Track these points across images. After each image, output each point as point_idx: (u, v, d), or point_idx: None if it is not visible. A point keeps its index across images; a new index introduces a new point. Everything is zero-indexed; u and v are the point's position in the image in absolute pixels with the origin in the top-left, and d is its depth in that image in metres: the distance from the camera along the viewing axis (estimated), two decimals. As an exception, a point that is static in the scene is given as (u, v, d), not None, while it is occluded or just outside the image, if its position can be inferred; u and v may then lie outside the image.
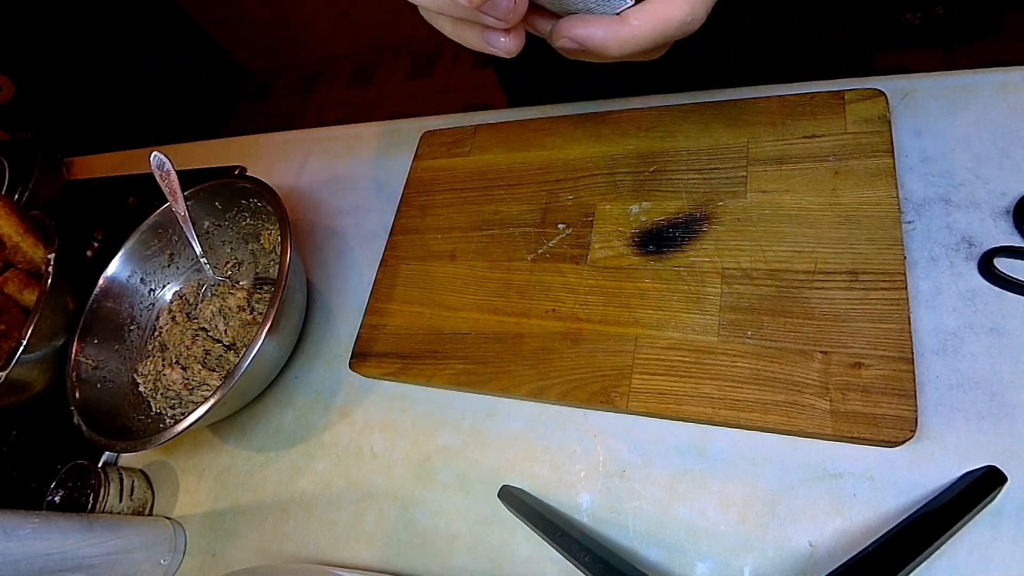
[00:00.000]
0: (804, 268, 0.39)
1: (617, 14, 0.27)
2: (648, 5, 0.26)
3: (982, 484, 0.32)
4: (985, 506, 0.32)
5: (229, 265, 0.62)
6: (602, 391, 0.41)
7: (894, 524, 0.33)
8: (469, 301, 0.48)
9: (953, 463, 0.34)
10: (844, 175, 0.41)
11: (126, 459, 0.58)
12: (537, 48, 0.32)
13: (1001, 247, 0.37)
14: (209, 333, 0.57)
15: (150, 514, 0.54)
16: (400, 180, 0.58)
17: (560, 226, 0.48)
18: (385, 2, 2.00)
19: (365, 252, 0.59)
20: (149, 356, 0.58)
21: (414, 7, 0.28)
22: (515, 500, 0.41)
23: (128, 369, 0.58)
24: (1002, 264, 0.37)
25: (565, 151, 0.52)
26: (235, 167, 0.73)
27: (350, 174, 0.65)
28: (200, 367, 0.54)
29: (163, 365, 0.55)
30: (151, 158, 0.57)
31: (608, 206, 0.47)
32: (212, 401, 0.45)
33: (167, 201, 0.58)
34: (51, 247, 0.60)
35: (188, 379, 0.54)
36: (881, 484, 0.35)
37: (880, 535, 0.32)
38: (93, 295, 0.58)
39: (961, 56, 1.35)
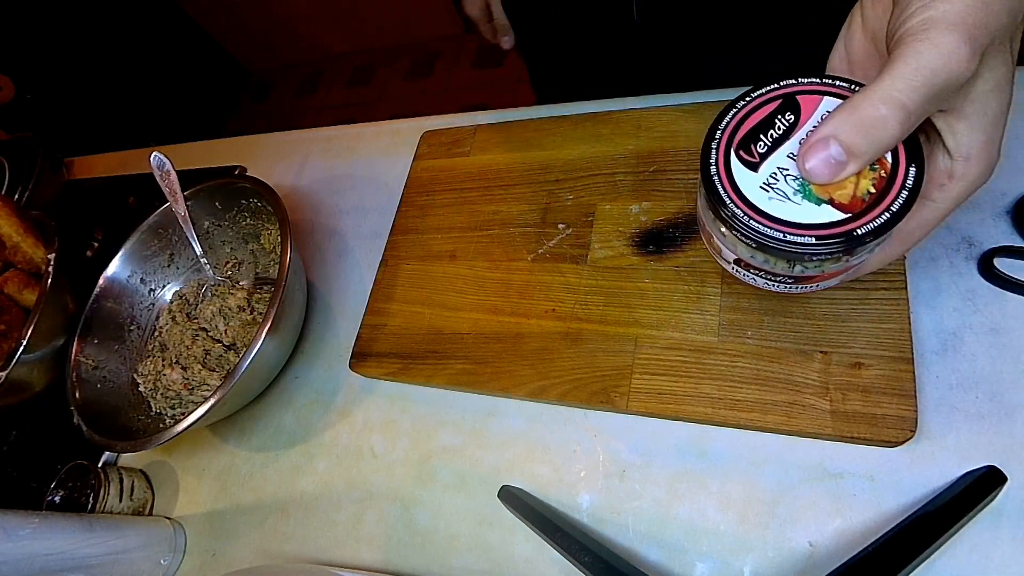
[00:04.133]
0: (804, 268, 0.39)
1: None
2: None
3: (982, 484, 0.32)
4: (985, 506, 0.32)
5: (229, 265, 0.62)
6: (602, 391, 0.41)
7: (894, 524, 0.33)
8: (469, 301, 0.48)
9: (953, 463, 0.34)
10: (844, 175, 0.41)
11: (126, 459, 0.58)
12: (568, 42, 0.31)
13: (1001, 247, 0.37)
14: (209, 333, 0.57)
15: (150, 514, 0.54)
16: (400, 180, 0.58)
17: (560, 226, 0.48)
18: (385, 2, 2.00)
19: (365, 252, 0.59)
20: (149, 356, 0.58)
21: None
22: (515, 500, 0.41)
23: (128, 369, 0.58)
24: (1002, 264, 0.37)
25: (565, 151, 0.52)
26: (235, 167, 0.73)
27: (350, 174, 0.65)
28: (200, 367, 0.54)
29: (163, 365, 0.55)
30: (151, 158, 0.57)
31: (608, 206, 0.47)
32: (212, 401, 0.45)
33: (167, 201, 0.58)
34: (51, 247, 0.60)
35: (188, 379, 0.54)
36: (881, 484, 0.35)
37: (880, 535, 0.32)
38: (93, 295, 0.58)
39: (961, 56, 1.35)
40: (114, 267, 0.59)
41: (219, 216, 0.61)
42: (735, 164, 0.29)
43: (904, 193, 0.26)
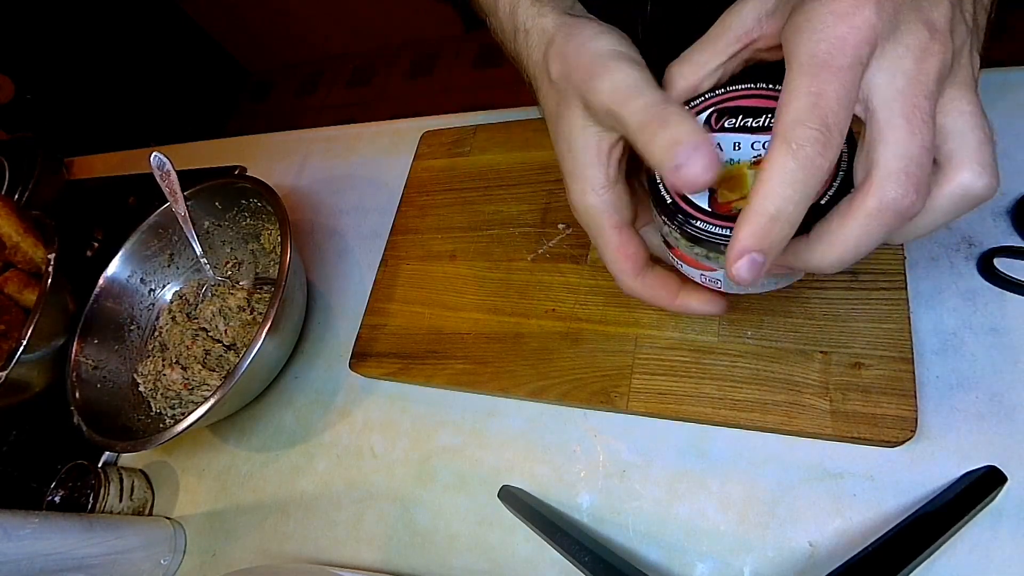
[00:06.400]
0: (804, 268, 0.39)
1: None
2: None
3: (982, 484, 0.32)
4: (985, 506, 0.32)
5: (229, 265, 0.62)
6: (602, 391, 0.41)
7: (894, 524, 0.33)
8: (469, 301, 0.48)
9: (953, 463, 0.34)
10: (844, 175, 0.41)
11: (126, 459, 0.58)
12: None
13: (1001, 247, 0.37)
14: (209, 333, 0.57)
15: (150, 514, 0.54)
16: (400, 180, 0.58)
17: (560, 226, 0.48)
18: (385, 2, 2.00)
19: (365, 252, 0.59)
20: (149, 356, 0.58)
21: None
22: (515, 500, 0.41)
23: (128, 369, 0.58)
24: (1002, 264, 0.37)
25: (565, 151, 0.51)
26: (235, 167, 0.73)
27: (350, 174, 0.65)
28: (200, 367, 0.54)
29: (163, 365, 0.55)
30: (151, 158, 0.57)
31: (608, 206, 0.47)
32: (212, 401, 0.45)
33: (167, 201, 0.58)
34: (51, 247, 0.60)
35: (188, 379, 0.54)
36: (881, 484, 0.35)
37: (880, 535, 0.32)
38: (93, 295, 0.58)
39: (961, 56, 1.35)
40: (114, 267, 0.59)
41: (219, 216, 0.61)
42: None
43: None
